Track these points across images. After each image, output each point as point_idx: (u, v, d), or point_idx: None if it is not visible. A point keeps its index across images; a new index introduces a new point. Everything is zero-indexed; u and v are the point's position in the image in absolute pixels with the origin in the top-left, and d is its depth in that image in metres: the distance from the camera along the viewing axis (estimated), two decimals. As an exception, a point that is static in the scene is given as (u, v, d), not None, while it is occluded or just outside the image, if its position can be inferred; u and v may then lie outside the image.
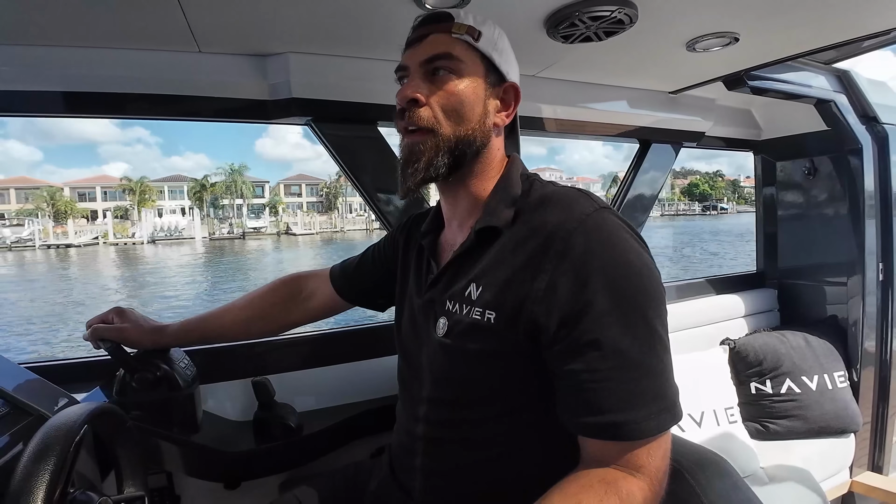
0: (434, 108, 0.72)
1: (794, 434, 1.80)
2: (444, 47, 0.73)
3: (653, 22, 1.06)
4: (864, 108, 1.80)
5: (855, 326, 1.91)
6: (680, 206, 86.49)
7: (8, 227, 49.14)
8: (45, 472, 0.53)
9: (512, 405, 0.70)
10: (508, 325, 0.65)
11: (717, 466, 0.74)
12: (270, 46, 1.15)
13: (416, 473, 0.79)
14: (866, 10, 1.07)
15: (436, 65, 0.73)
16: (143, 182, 57.40)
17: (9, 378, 0.80)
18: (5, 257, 41.38)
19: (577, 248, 0.62)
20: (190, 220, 54.63)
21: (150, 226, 51.68)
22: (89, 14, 0.94)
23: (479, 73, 0.74)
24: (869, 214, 1.84)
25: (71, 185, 59.49)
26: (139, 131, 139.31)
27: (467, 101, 0.73)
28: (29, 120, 73.88)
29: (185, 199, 58.96)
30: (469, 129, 0.73)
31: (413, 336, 0.83)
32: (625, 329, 0.59)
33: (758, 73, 1.47)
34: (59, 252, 43.99)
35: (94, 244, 47.80)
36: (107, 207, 56.24)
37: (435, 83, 0.73)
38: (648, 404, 0.59)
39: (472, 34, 0.73)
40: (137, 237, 49.61)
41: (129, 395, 0.96)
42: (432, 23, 0.75)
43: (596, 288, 0.60)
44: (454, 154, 0.73)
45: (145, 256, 39.15)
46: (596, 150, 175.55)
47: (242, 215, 58.09)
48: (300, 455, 1.15)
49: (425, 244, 0.84)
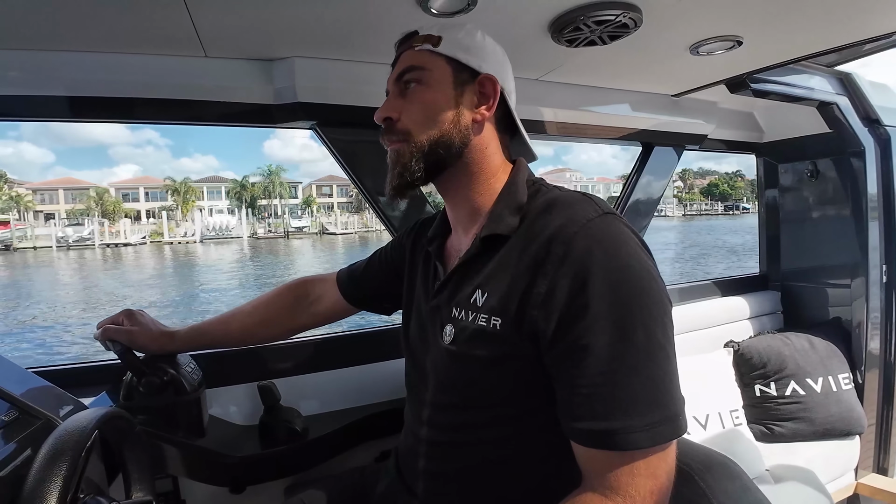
0: (406, 121, 0.75)
1: (799, 436, 1.79)
2: (409, 61, 0.77)
3: (657, 26, 1.07)
4: (867, 111, 1.81)
5: (859, 328, 1.91)
6: (702, 207, 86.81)
7: (70, 227, 50.57)
8: (57, 477, 0.53)
9: (517, 410, 0.70)
10: (513, 330, 0.65)
11: (726, 469, 0.74)
12: (276, 51, 1.16)
13: (420, 476, 0.80)
14: (868, 13, 1.07)
15: (405, 79, 0.77)
16: (187, 183, 59.03)
17: (17, 383, 0.80)
18: (82, 255, 42.32)
19: (578, 252, 0.61)
20: (237, 219, 56.12)
21: (202, 225, 52.91)
22: (96, 19, 0.94)
23: (446, 76, 0.75)
24: (872, 216, 1.84)
25: (116, 186, 61.42)
26: (149, 133, 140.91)
27: (435, 105, 0.74)
28: (42, 123, 73.45)
29: (222, 199, 60.39)
30: (442, 131, 0.74)
31: (420, 341, 0.83)
32: (622, 334, 0.58)
33: (760, 76, 1.47)
34: (119, 251, 45.13)
35: (143, 243, 49.05)
36: (149, 208, 58.03)
37: (406, 97, 0.77)
38: (645, 413, 0.56)
39: (431, 41, 0.75)
40: (189, 236, 50.89)
41: (135, 400, 0.96)
42: (402, 43, 0.80)
43: (594, 291, 0.59)
44: (430, 158, 0.74)
45: (209, 254, 39.98)
46: (604, 151, 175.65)
47: (285, 215, 59.66)
48: (306, 459, 1.15)
49: (432, 250, 0.85)
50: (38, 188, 59.46)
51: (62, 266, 35.01)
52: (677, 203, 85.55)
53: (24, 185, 60.19)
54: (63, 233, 48.37)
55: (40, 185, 61.63)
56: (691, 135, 1.85)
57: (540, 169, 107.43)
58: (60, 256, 41.44)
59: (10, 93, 1.04)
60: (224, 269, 29.95)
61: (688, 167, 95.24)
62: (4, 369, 0.82)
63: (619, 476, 0.57)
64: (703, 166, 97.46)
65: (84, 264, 35.80)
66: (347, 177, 1.36)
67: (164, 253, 42.22)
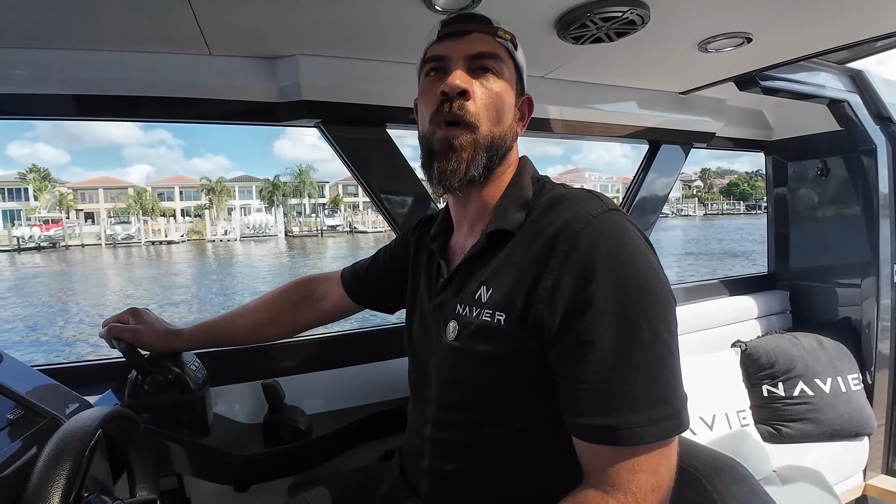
0: (478, 104, 0.71)
1: (807, 437, 1.78)
2: (491, 47, 0.73)
3: (665, 22, 1.05)
4: (878, 108, 1.78)
5: (869, 328, 1.89)
6: (724, 206, 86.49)
7: (118, 225, 52.62)
8: (60, 476, 0.53)
9: (521, 407, 0.69)
10: (517, 326, 0.65)
11: (734, 472, 0.73)
12: (280, 49, 1.16)
13: (424, 475, 0.79)
14: (879, 10, 1.06)
15: (484, 62, 0.73)
16: (221, 183, 60.81)
17: (23, 381, 0.81)
18: (131, 252, 43.43)
19: (583, 247, 0.61)
20: (273, 218, 57.73)
21: (241, 224, 54.62)
22: (101, 18, 0.95)
23: (513, 81, 0.76)
24: (883, 215, 1.82)
25: (153, 185, 63.24)
26: (162, 133, 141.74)
27: (506, 103, 0.74)
28: (56, 123, 76.26)
29: (252, 198, 61.88)
30: (503, 131, 0.74)
31: (423, 339, 0.83)
32: (626, 330, 0.57)
33: (770, 73, 1.45)
34: (165, 248, 46.26)
35: (183, 241, 50.43)
36: (184, 207, 59.87)
37: (479, 80, 0.72)
38: (647, 409, 0.56)
39: (513, 42, 0.75)
40: (229, 235, 52.50)
41: (140, 398, 0.96)
42: (474, 21, 0.75)
43: (598, 287, 0.59)
44: (489, 154, 0.73)
45: (253, 251, 40.81)
46: (614, 150, 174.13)
47: (319, 214, 61.40)
48: (310, 458, 1.15)
49: (435, 248, 0.84)
50: (79, 187, 61.01)
51: (123, 262, 36.19)
52: (698, 203, 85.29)
53: (66, 184, 62.03)
54: (111, 230, 50.17)
55: (81, 184, 63.10)
56: (699, 133, 1.83)
57: (558, 169, 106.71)
58: (118, 254, 42.74)
59: (16, 91, 1.05)
60: (274, 264, 30.68)
61: (703, 166, 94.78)
62: (11, 368, 0.82)
63: (620, 472, 0.57)
64: (722, 166, 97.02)
65: (143, 260, 36.86)
66: (351, 174, 1.36)
67: (209, 250, 43.28)
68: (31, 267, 32.66)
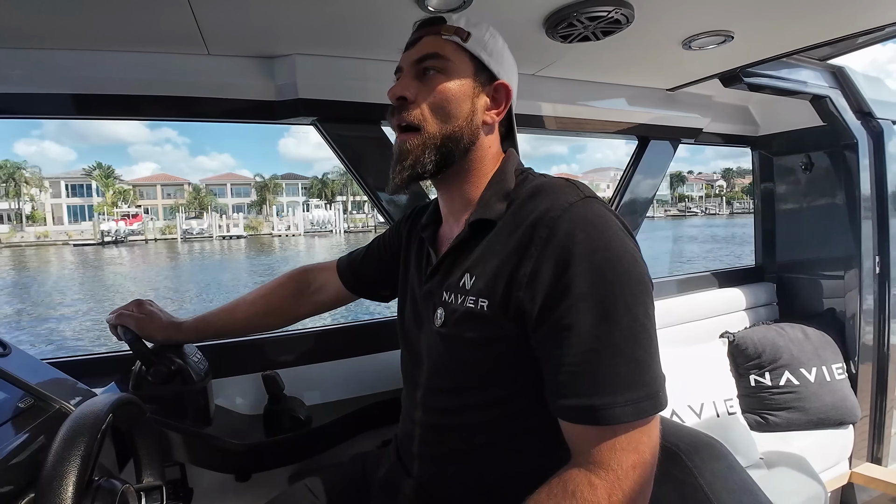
0: (422, 107, 0.75)
1: (793, 425, 1.82)
2: (433, 48, 0.76)
3: (649, 21, 1.09)
4: (860, 104, 1.82)
5: (853, 319, 1.93)
6: (750, 205, 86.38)
7: (193, 220, 54.73)
8: (75, 457, 0.55)
9: (507, 392, 0.72)
10: (500, 312, 0.67)
11: (713, 449, 0.76)
12: (277, 48, 1.18)
13: (415, 458, 0.82)
14: (859, 7, 1.09)
15: (425, 64, 0.76)
16: (274, 180, 62.80)
17: (32, 372, 0.83)
18: (210, 245, 45.37)
19: (561, 234, 0.63)
20: (332, 214, 60.01)
21: (304, 219, 57.15)
22: (99, 17, 0.96)
23: (468, 73, 0.76)
24: (865, 208, 1.86)
25: (206, 182, 65.18)
26: (167, 132, 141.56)
27: (454, 98, 0.75)
28: (64, 122, 75.99)
29: (298, 195, 63.58)
30: (455, 126, 0.75)
31: (415, 326, 0.85)
32: (604, 314, 0.59)
33: (753, 70, 1.49)
34: (235, 242, 48.06)
35: (243, 236, 52.27)
36: (237, 203, 62.16)
37: (424, 82, 0.76)
38: (626, 390, 0.58)
39: (461, 35, 0.76)
40: (292, 230, 54.73)
41: (144, 389, 0.99)
42: (425, 26, 0.79)
43: (576, 272, 0.60)
44: (441, 151, 0.75)
45: (322, 245, 42.23)
46: (619, 148, 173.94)
47: (373, 210, 63.88)
48: (309, 447, 1.18)
49: (425, 237, 0.87)
50: (137, 184, 62.58)
51: (218, 254, 37.45)
52: (723, 202, 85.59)
53: (125, 181, 63.71)
54: (187, 225, 53.88)
55: (139, 180, 64.88)
56: (687, 128, 1.87)
57: (574, 168, 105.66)
58: (203, 247, 44.02)
59: (15, 91, 1.06)
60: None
61: (725, 167, 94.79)
62: (21, 359, 0.84)
63: (602, 451, 0.58)
64: (742, 165, 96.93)
65: (238, 253, 38.01)
66: (347, 171, 1.39)
67: (276, 244, 44.40)
68: (153, 259, 33.88)
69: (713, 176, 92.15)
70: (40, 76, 1.07)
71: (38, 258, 38.67)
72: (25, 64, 1.05)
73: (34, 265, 33.82)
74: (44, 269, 31.98)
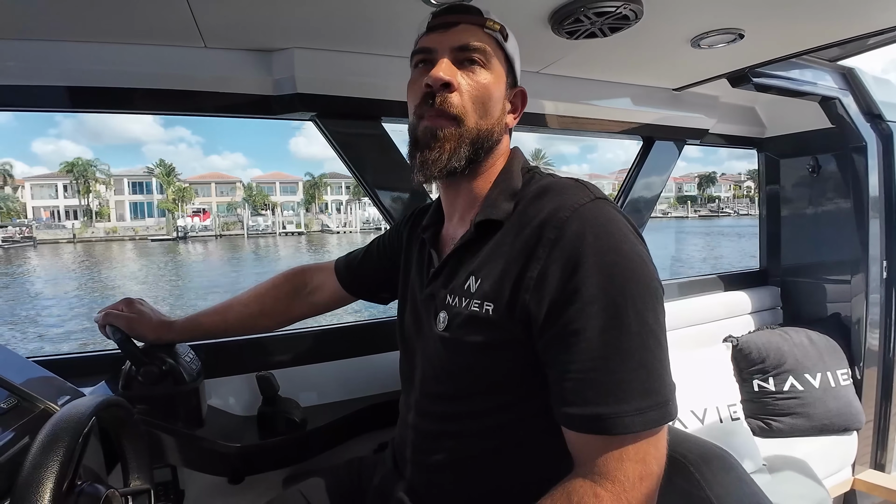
0: (464, 97, 0.71)
1: (796, 431, 1.79)
2: (478, 40, 0.73)
3: (658, 18, 1.06)
4: (869, 106, 1.80)
5: (858, 324, 1.91)
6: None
7: (259, 216, 58.55)
8: (53, 462, 0.53)
9: (510, 398, 0.69)
10: (506, 315, 0.65)
11: (722, 461, 0.74)
12: (275, 42, 1.16)
13: (408, 464, 0.80)
14: (872, 7, 1.07)
15: (470, 55, 0.72)
16: (322, 178, 64.92)
17: (17, 371, 0.81)
18: (275, 241, 47.28)
19: (570, 236, 0.61)
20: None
21: (360, 217, 58.79)
22: (96, 9, 0.94)
23: (503, 73, 0.76)
24: (873, 212, 1.84)
25: (256, 181, 67.40)
26: (181, 131, 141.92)
27: (493, 96, 0.73)
28: (80, 121, 75.27)
29: (342, 194, 64.85)
30: (490, 124, 0.74)
31: (414, 329, 0.83)
32: (613, 319, 0.57)
33: (762, 70, 1.46)
34: (295, 238, 50.20)
35: (302, 233, 54.52)
36: (285, 201, 64.18)
37: (465, 72, 0.72)
38: (636, 398, 0.56)
39: (503, 34, 0.75)
40: (348, 227, 56.55)
41: (134, 389, 0.96)
42: (463, 13, 0.75)
43: (585, 275, 0.58)
44: (474, 147, 0.73)
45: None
46: (630, 148, 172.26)
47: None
48: (304, 450, 1.16)
49: (427, 238, 0.84)
50: (193, 182, 63.95)
51: (293, 249, 38.38)
52: (753, 202, 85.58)
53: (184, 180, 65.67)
54: (254, 222, 55.38)
55: (194, 179, 66.25)
56: (692, 129, 1.84)
57: (614, 171, 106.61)
58: (269, 242, 45.65)
59: (9, 83, 1.04)
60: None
61: (750, 167, 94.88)
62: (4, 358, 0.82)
63: (608, 461, 0.56)
64: None
65: (308, 248, 39.14)
66: (346, 168, 1.36)
67: (339, 240, 45.90)
68: (249, 252, 35.01)
69: (739, 176, 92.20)
70: (35, 68, 1.05)
71: (137, 251, 39.52)
72: (20, 56, 1.03)
73: (159, 258, 34.15)
74: (174, 260, 32.97)
